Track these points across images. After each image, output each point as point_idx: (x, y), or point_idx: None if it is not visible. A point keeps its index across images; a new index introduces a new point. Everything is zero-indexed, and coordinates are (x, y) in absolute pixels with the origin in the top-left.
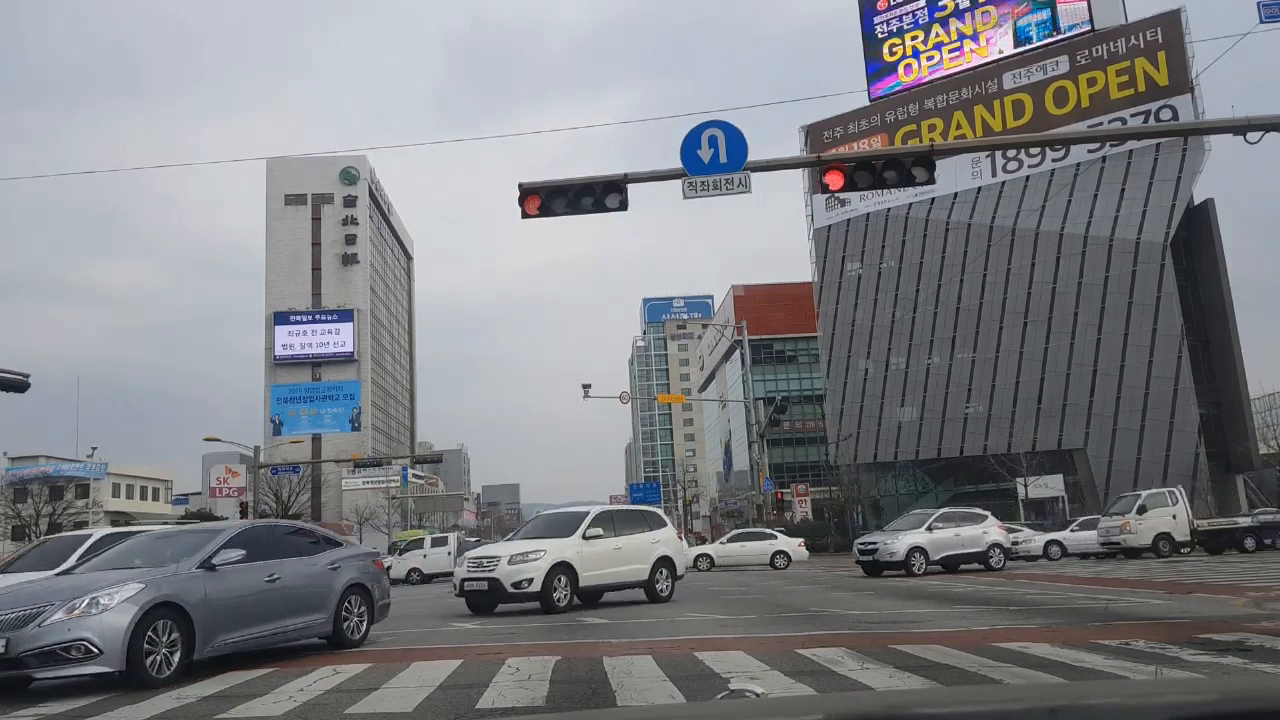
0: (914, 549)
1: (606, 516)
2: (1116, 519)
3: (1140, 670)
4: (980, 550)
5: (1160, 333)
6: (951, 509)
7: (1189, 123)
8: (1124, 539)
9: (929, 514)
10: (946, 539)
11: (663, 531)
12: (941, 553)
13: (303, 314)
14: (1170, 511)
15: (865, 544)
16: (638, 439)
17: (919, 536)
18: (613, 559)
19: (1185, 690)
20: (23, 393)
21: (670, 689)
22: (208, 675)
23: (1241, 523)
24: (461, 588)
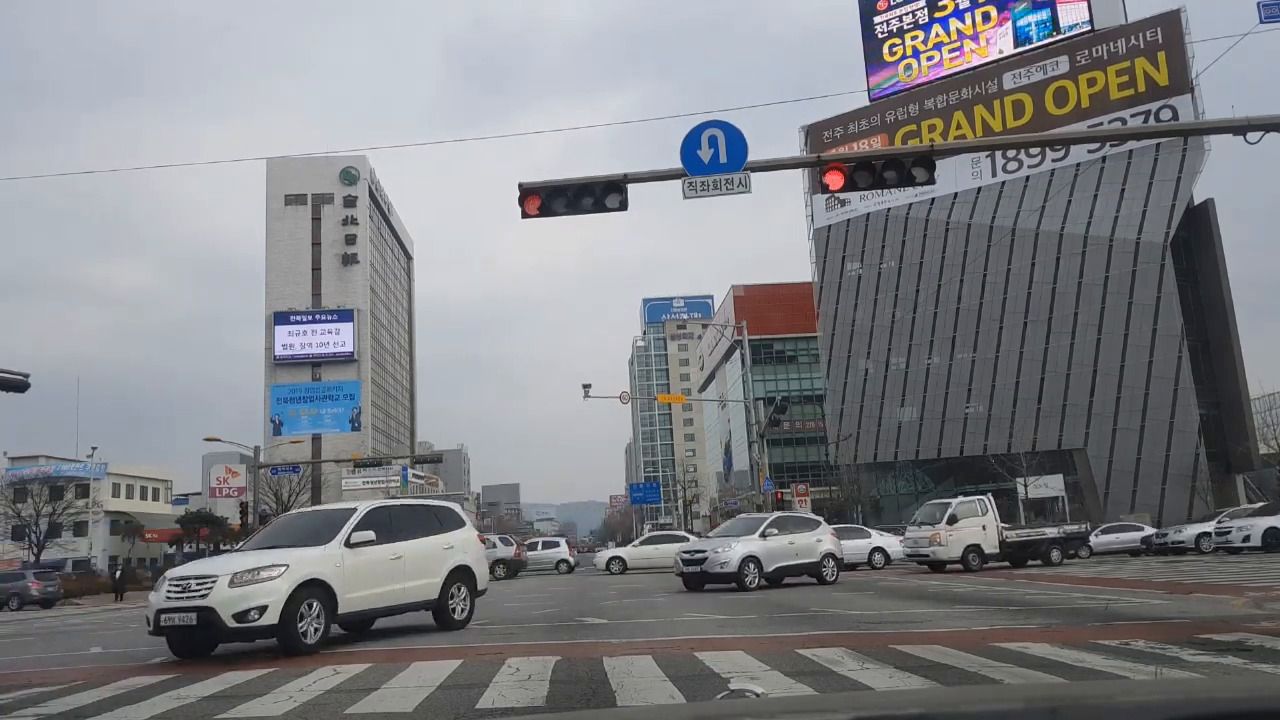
0: (748, 559)
1: (381, 514)
2: (925, 529)
3: (1140, 670)
4: (813, 561)
5: (1160, 333)
6: (786, 513)
7: (1189, 123)
8: (933, 551)
9: (762, 519)
10: (780, 548)
11: (459, 533)
12: (775, 563)
13: (303, 314)
14: (980, 522)
15: (691, 553)
16: (638, 439)
17: (753, 544)
18: (389, 573)
19: (1185, 690)
20: (23, 393)
21: (670, 689)
22: (208, 675)
23: (1049, 533)
24: (157, 623)
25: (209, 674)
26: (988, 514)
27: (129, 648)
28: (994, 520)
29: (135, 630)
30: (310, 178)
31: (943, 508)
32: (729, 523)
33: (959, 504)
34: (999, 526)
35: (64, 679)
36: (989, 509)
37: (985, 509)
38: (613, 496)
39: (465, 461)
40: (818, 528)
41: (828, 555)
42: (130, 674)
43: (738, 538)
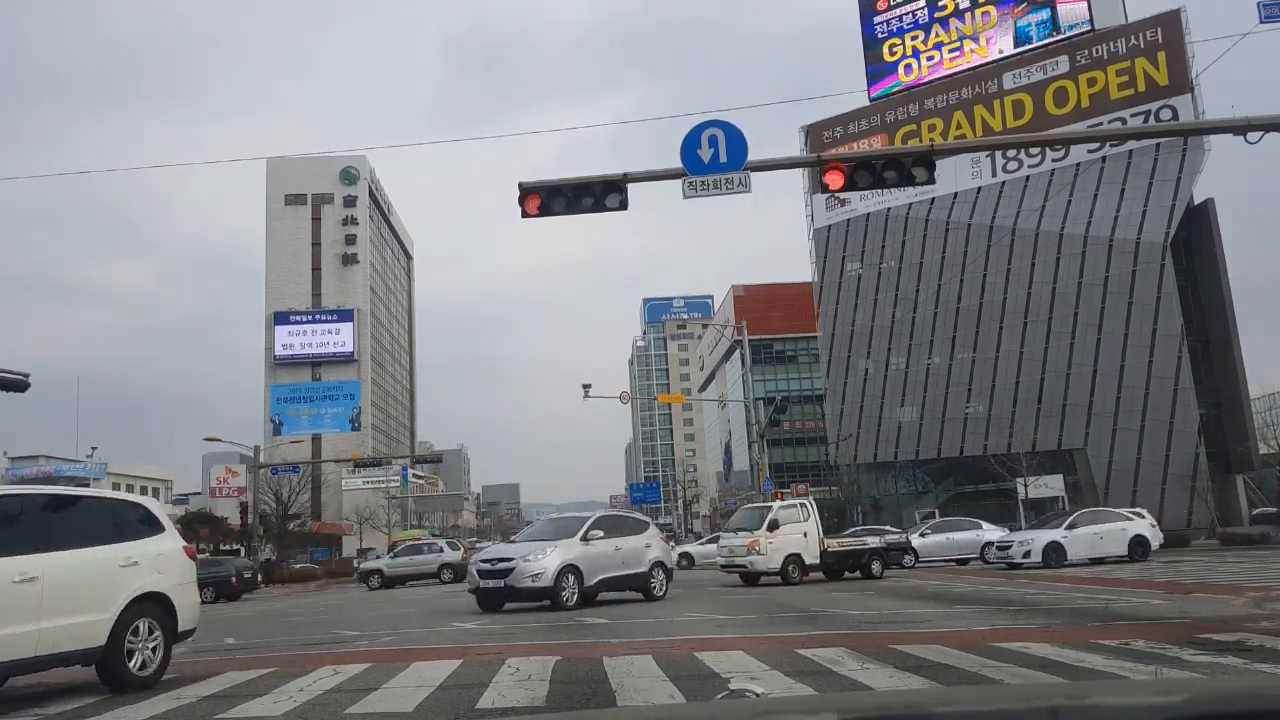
0: (566, 569)
1: (607, 520)
2: (743, 536)
3: (1140, 670)
4: (640, 572)
5: (1160, 333)
6: (614, 512)
7: (1189, 123)
8: (751, 561)
9: (583, 518)
10: (604, 555)
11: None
12: (598, 574)
13: (303, 314)
14: (803, 528)
15: (492, 562)
16: (638, 439)
17: (573, 550)
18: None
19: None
20: (23, 392)
21: (670, 689)
22: (208, 675)
23: (870, 543)
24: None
25: (209, 674)
26: (810, 519)
27: None
28: (816, 527)
29: None
30: (310, 178)
31: (763, 512)
32: (539, 523)
33: (781, 508)
34: (821, 534)
35: (64, 679)
36: (811, 513)
37: (808, 513)
38: (613, 496)
39: (465, 461)
40: (645, 530)
41: (657, 565)
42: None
43: (554, 541)
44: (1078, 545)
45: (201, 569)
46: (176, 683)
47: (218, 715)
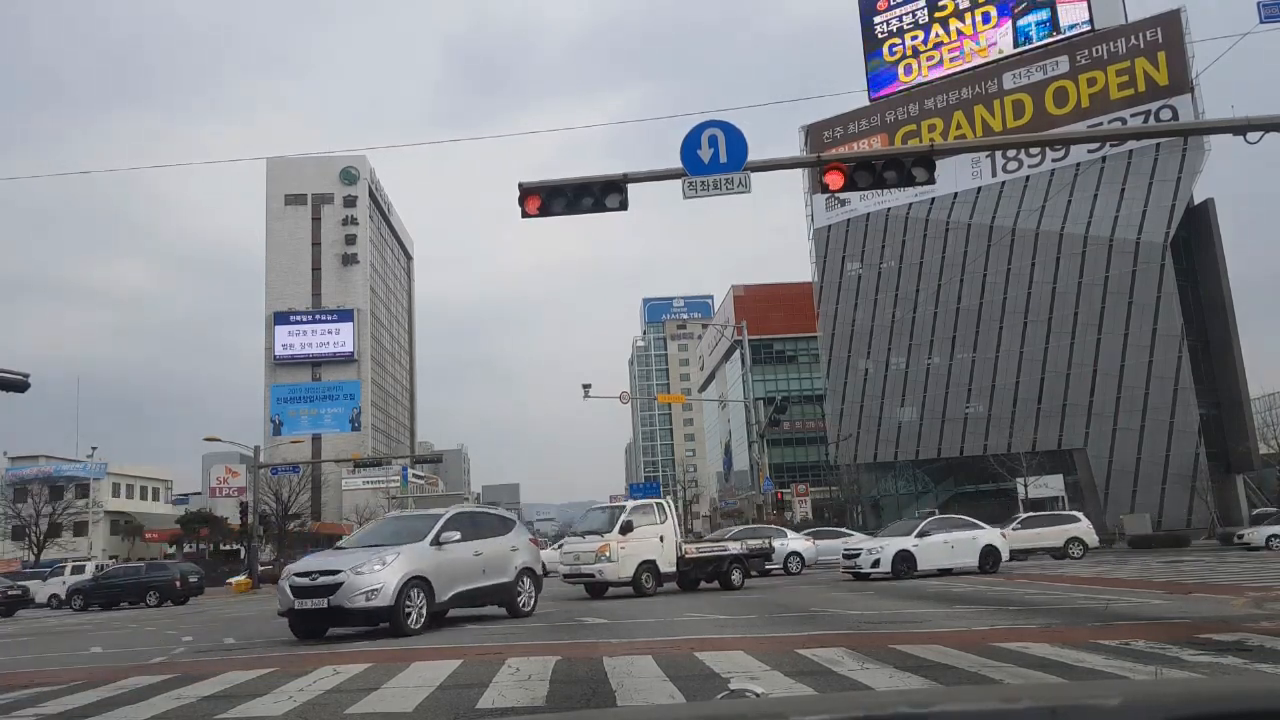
0: (411, 582)
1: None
2: (591, 540)
3: (1140, 670)
4: (504, 582)
5: (1160, 333)
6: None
7: (1189, 123)
8: (600, 569)
9: (433, 517)
10: (462, 563)
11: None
12: (453, 587)
13: (303, 314)
14: (659, 531)
15: (310, 575)
16: (638, 439)
17: (423, 558)
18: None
19: (1185, 690)
20: (23, 392)
21: (670, 689)
22: (208, 675)
23: (731, 549)
24: None
25: (209, 674)
26: (668, 521)
27: (127, 647)
28: (674, 529)
29: (132, 630)
30: (310, 178)
31: (614, 513)
32: (374, 524)
33: (635, 508)
34: (679, 538)
35: (63, 679)
36: (669, 514)
37: (665, 514)
38: (613, 496)
39: (465, 461)
40: (511, 529)
41: (524, 573)
42: (130, 674)
43: (395, 547)
44: (929, 554)
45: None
46: (176, 683)
47: (218, 715)
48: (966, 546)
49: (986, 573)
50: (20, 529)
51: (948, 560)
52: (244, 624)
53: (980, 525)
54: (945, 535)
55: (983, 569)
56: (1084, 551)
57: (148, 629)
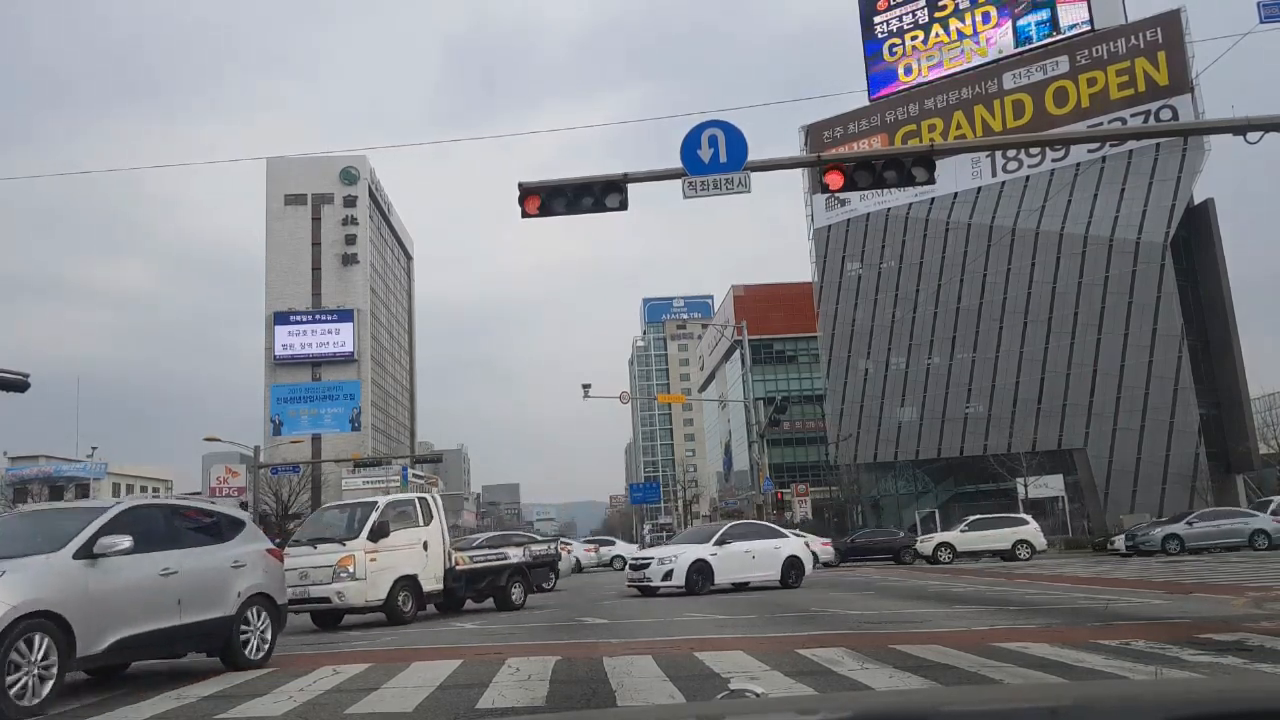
0: (22, 622)
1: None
2: (328, 552)
3: (1140, 670)
4: (217, 618)
5: (1160, 333)
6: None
7: (1189, 123)
8: (341, 590)
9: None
10: (135, 586)
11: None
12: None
13: (303, 314)
14: (420, 535)
15: None
16: (638, 439)
17: (48, 582)
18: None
19: (1185, 690)
20: (23, 392)
21: (670, 689)
22: (208, 675)
23: (511, 557)
24: None
25: (209, 674)
26: (433, 522)
27: None
28: (441, 534)
29: None
30: (310, 178)
31: (360, 512)
32: None
33: (389, 504)
34: (448, 544)
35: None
36: (435, 514)
37: (430, 514)
38: (613, 496)
39: (465, 461)
40: (236, 534)
41: (254, 601)
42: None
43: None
44: (729, 565)
45: None
46: (177, 682)
47: (218, 715)
48: (769, 557)
49: (789, 586)
50: None
51: (749, 572)
52: None
53: (783, 533)
54: (747, 544)
55: (785, 582)
56: (1031, 554)
57: None
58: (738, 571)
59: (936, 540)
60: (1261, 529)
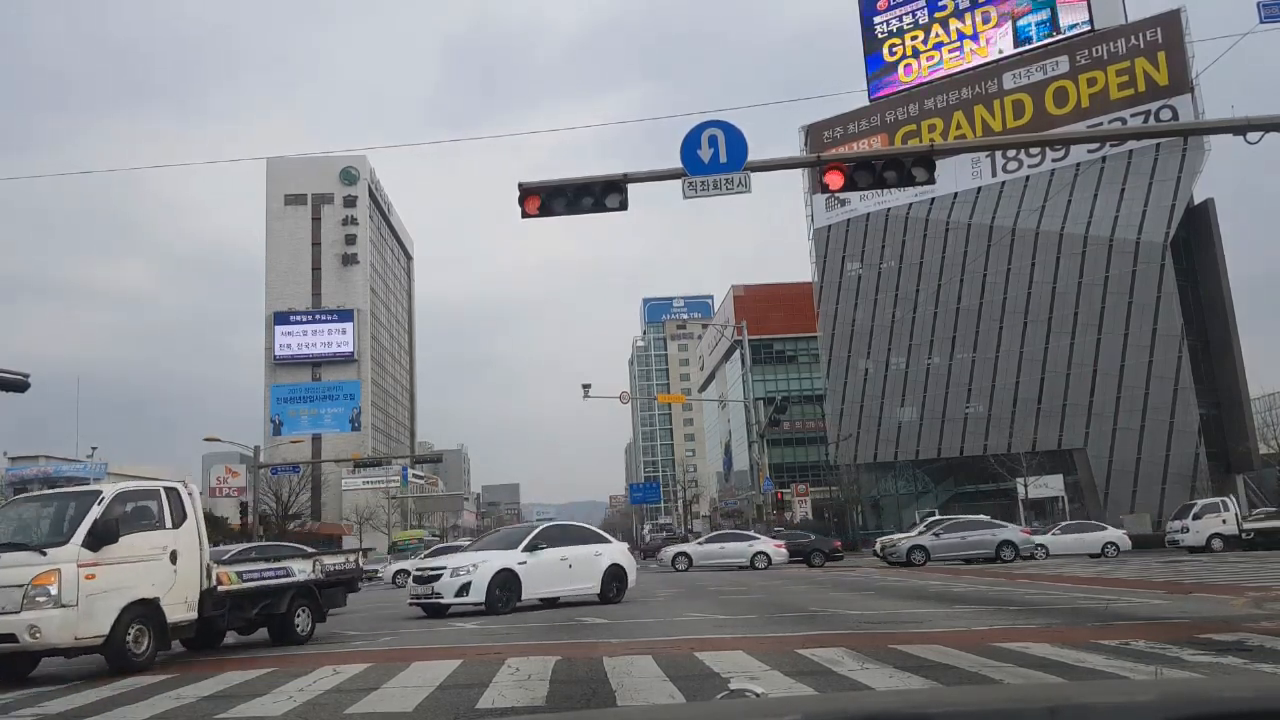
0: None
1: None
2: (22, 564)
3: (1140, 670)
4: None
5: (1160, 333)
6: None
7: (1189, 123)
8: (33, 623)
9: None
10: None
11: None
12: None
13: (303, 314)
14: (166, 543)
15: None
16: (638, 439)
17: None
18: None
19: (1185, 690)
20: (23, 392)
21: (670, 689)
22: (208, 675)
23: (298, 573)
24: None
25: (209, 674)
26: (187, 522)
27: None
28: (198, 540)
29: None
30: (310, 178)
31: (76, 504)
32: None
33: (117, 497)
34: (207, 556)
35: (63, 678)
36: (188, 512)
37: (182, 511)
38: (613, 496)
39: (465, 461)
40: None
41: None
42: (130, 674)
43: None
44: (539, 576)
45: None
46: (177, 682)
47: (218, 715)
48: (587, 567)
49: (610, 601)
50: None
51: (563, 584)
52: None
53: (605, 538)
54: (564, 551)
55: (604, 596)
56: (1015, 555)
57: None
58: (550, 584)
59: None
60: (1009, 540)
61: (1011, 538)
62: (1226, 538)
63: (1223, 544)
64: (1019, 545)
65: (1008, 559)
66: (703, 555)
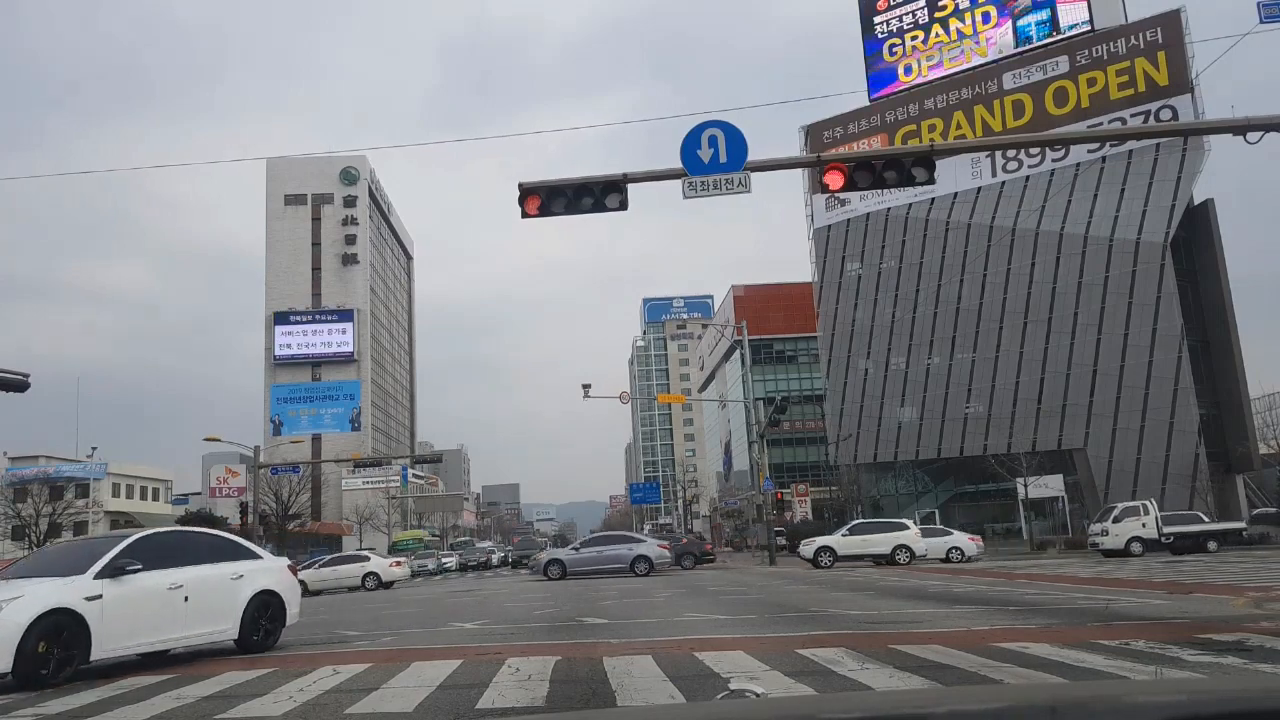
0: None
1: None
2: None
3: (1140, 670)
4: None
5: (1160, 333)
6: None
7: (1189, 123)
8: None
9: None
10: None
11: None
12: None
13: (303, 314)
14: None
15: None
16: (638, 439)
17: None
18: None
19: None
20: (23, 392)
21: (670, 689)
22: (208, 675)
23: None
24: None
25: (209, 674)
26: None
27: None
28: None
29: None
30: (310, 178)
31: None
32: None
33: None
34: None
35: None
36: None
37: None
38: (613, 496)
39: (465, 461)
40: None
41: None
42: (130, 674)
43: None
44: (128, 618)
45: None
46: (177, 682)
47: (218, 715)
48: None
49: (256, 649)
50: (20, 529)
51: (175, 627)
52: None
53: (252, 552)
54: (174, 574)
55: (247, 642)
56: (911, 558)
57: None
58: (153, 628)
59: (818, 544)
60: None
61: (907, 541)
62: (1146, 541)
63: (1142, 548)
64: (914, 549)
65: (903, 561)
66: (578, 562)
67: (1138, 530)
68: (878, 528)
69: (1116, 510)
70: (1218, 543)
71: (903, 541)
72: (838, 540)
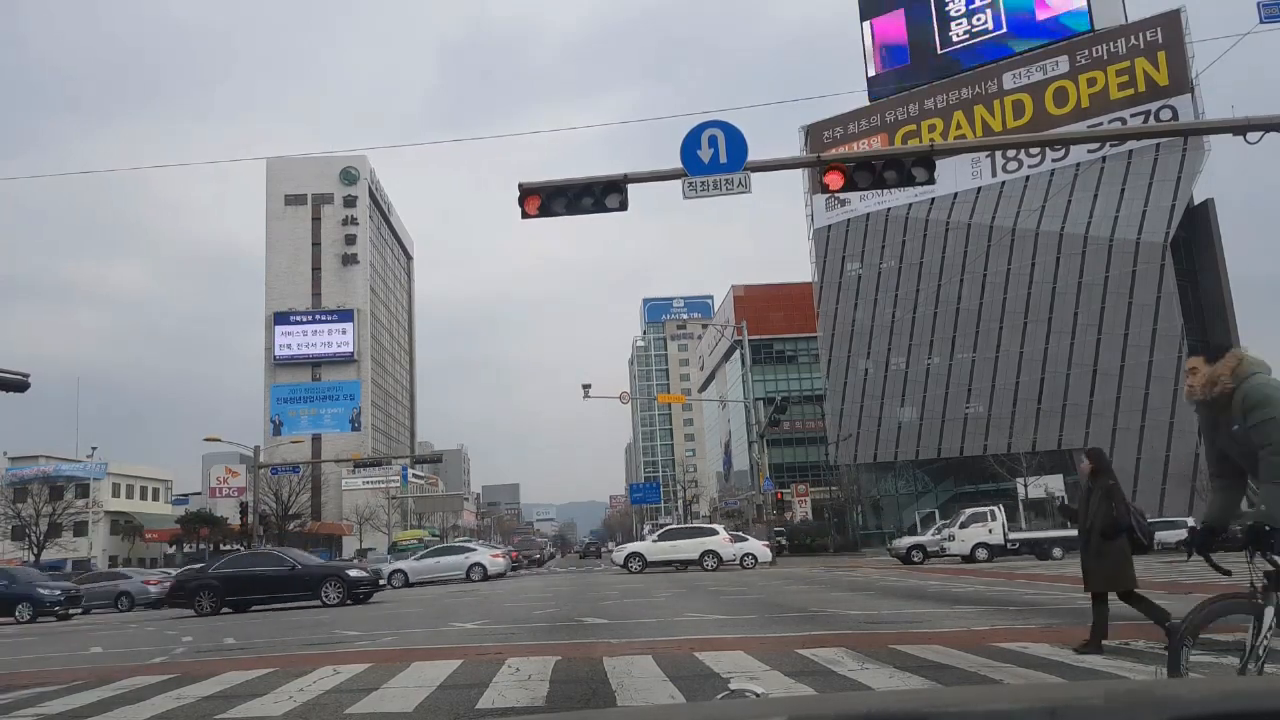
0: None
1: None
2: None
3: (1140, 670)
4: None
5: (1160, 333)
6: None
7: (1189, 123)
8: None
9: None
10: None
11: None
12: None
13: (303, 314)
14: None
15: None
16: (638, 439)
17: None
18: None
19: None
20: (23, 392)
21: (670, 689)
22: (208, 675)
23: None
24: None
25: (209, 674)
26: None
27: (128, 647)
28: None
29: (133, 630)
30: (310, 178)
31: None
32: None
33: None
34: None
35: (64, 679)
36: None
37: None
38: (613, 496)
39: (465, 461)
40: None
41: None
42: (130, 674)
43: None
44: None
45: None
46: (177, 682)
47: (218, 715)
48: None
49: None
50: (20, 529)
51: None
52: (244, 624)
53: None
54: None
55: None
56: (718, 564)
57: (148, 629)
58: None
59: (629, 549)
60: (711, 549)
61: (714, 547)
62: (991, 547)
63: (988, 553)
64: (722, 555)
65: (710, 567)
66: (418, 571)
67: (984, 536)
68: (687, 533)
69: (964, 516)
70: (1062, 550)
71: (710, 547)
72: (647, 546)
